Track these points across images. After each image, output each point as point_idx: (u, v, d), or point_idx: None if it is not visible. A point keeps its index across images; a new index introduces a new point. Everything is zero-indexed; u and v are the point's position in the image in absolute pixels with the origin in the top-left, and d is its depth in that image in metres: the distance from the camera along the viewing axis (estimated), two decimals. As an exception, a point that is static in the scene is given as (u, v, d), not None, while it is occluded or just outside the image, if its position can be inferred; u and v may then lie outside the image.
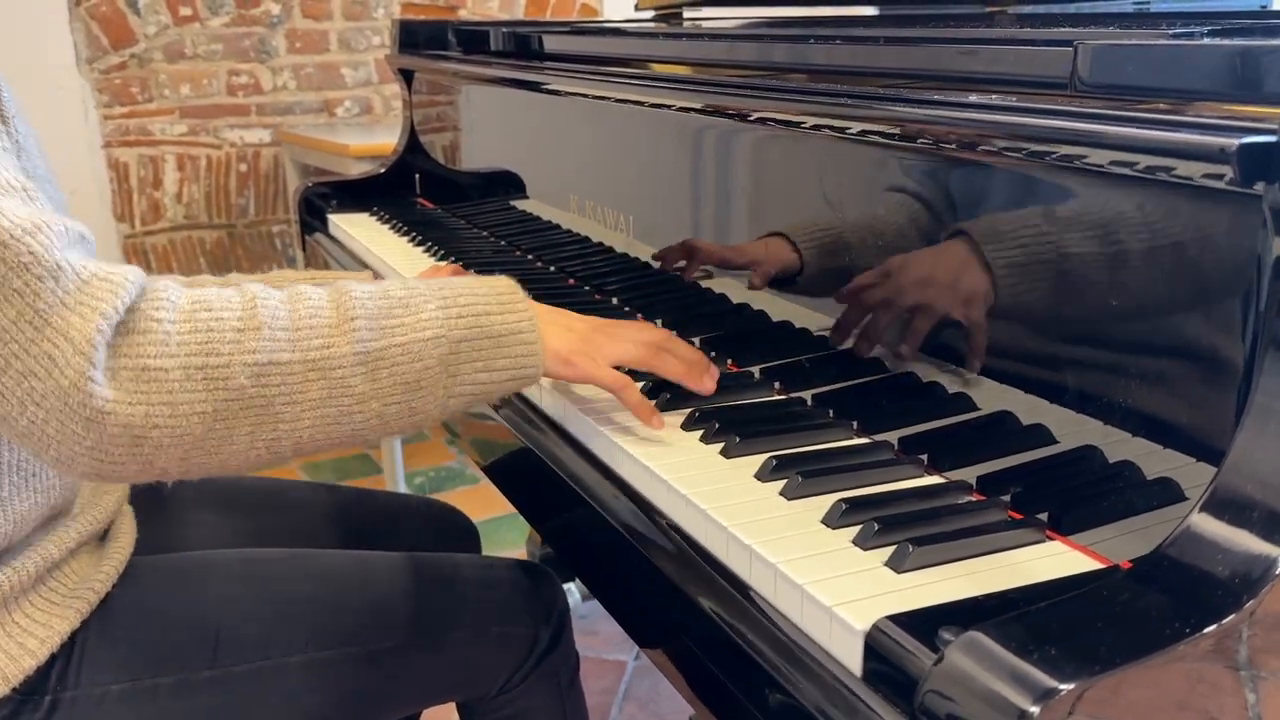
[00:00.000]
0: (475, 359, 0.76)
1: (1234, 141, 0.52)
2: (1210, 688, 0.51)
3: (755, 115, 0.94)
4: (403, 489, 2.48)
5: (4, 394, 0.64)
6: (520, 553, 2.20)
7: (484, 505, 2.30)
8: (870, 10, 1.49)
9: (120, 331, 0.65)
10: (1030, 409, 0.74)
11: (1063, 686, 0.46)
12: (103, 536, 0.92)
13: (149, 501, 1.02)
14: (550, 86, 1.34)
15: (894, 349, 0.84)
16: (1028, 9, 1.12)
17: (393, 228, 1.67)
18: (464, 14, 3.11)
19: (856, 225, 0.87)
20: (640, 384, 0.89)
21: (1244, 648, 0.50)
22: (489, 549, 1.31)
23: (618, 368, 0.85)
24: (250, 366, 0.68)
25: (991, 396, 0.77)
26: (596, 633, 2.00)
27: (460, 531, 1.26)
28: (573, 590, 2.02)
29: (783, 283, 0.97)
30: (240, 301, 0.70)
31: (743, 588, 0.66)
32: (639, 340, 0.86)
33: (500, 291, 0.79)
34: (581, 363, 0.82)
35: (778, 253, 0.97)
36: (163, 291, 0.68)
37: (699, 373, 0.87)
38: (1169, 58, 0.64)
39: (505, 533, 2.31)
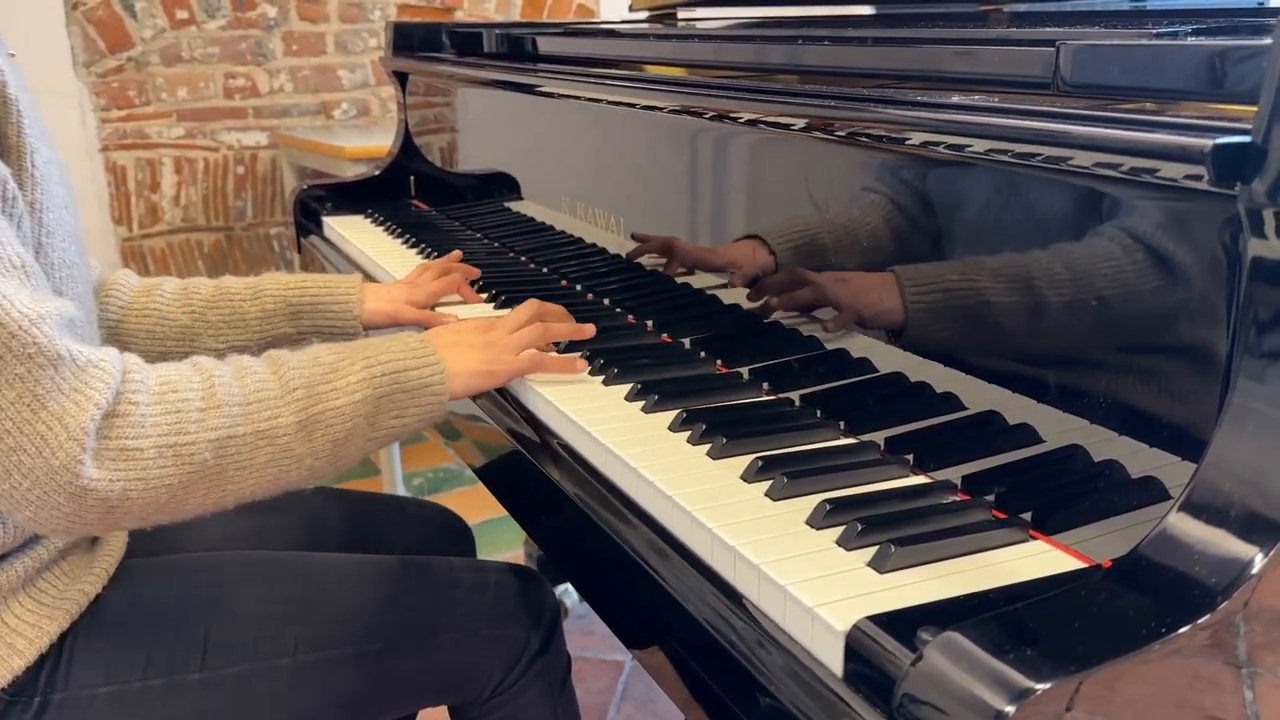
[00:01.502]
0: (391, 410, 0.86)
1: (1208, 142, 0.52)
2: (1208, 685, 0.51)
3: (744, 117, 0.94)
4: (401, 490, 2.48)
5: None
6: (517, 554, 2.20)
7: (481, 507, 2.30)
8: (866, 9, 1.49)
9: (105, 414, 0.72)
10: (1017, 408, 0.74)
11: (1038, 686, 0.46)
12: (94, 540, 0.92)
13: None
14: (542, 89, 1.34)
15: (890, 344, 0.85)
16: (1022, 7, 1.12)
17: (387, 230, 1.68)
18: (460, 15, 3.12)
19: (845, 225, 0.87)
20: (634, 386, 0.90)
21: (1242, 644, 0.50)
22: (485, 550, 1.32)
23: None
24: (212, 443, 0.76)
25: (979, 396, 0.77)
26: (593, 632, 2.00)
27: (454, 534, 1.26)
28: (570, 590, 2.03)
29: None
30: (200, 380, 0.79)
31: (727, 589, 0.67)
32: (525, 324, 1.00)
33: (413, 346, 0.89)
34: (499, 366, 0.94)
35: (757, 256, 0.98)
36: (135, 373, 0.76)
37: (577, 327, 1.04)
38: (1150, 57, 0.64)
39: (502, 534, 2.31)
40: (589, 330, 1.03)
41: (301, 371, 0.82)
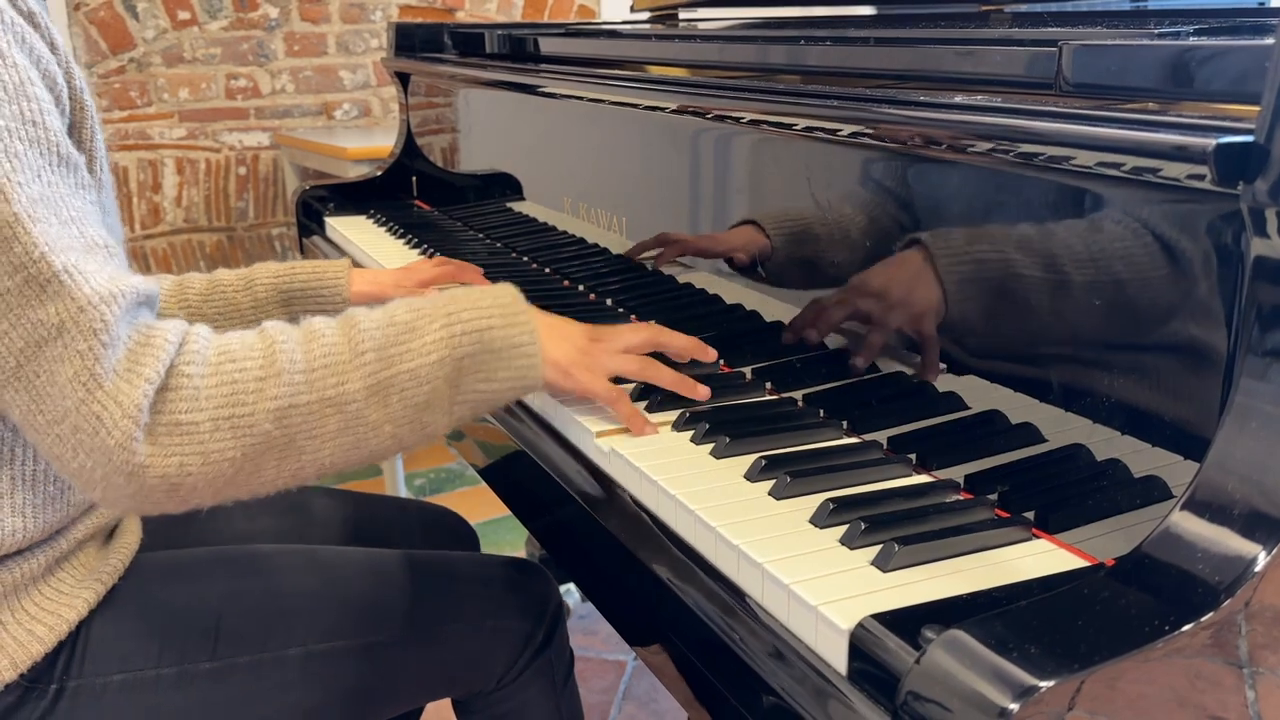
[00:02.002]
0: (478, 371, 0.80)
1: (1211, 141, 0.52)
2: (1210, 684, 0.51)
3: (745, 117, 0.95)
4: (403, 491, 2.48)
5: (61, 439, 0.70)
6: (519, 554, 2.20)
7: (484, 507, 2.31)
8: (867, 10, 1.49)
9: (158, 390, 0.71)
10: (1019, 408, 0.74)
11: (1042, 684, 0.46)
12: (110, 534, 0.93)
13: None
14: (544, 89, 1.35)
15: (885, 349, 0.85)
16: (1024, 7, 1.12)
17: (389, 230, 1.68)
18: (462, 16, 3.12)
19: (846, 224, 0.87)
20: (631, 385, 0.91)
21: (1244, 644, 0.50)
22: (488, 550, 1.32)
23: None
24: (272, 413, 0.73)
25: (981, 395, 0.77)
26: (596, 632, 2.01)
27: (459, 536, 1.26)
28: (572, 590, 2.03)
29: (772, 278, 0.97)
30: (261, 348, 0.75)
31: (731, 588, 0.67)
32: (633, 350, 0.89)
33: (504, 303, 0.82)
34: (579, 375, 0.85)
35: (755, 239, 0.98)
36: (194, 343, 0.73)
37: (691, 384, 0.89)
38: (1152, 57, 0.65)
39: (505, 534, 2.31)
40: (702, 394, 0.89)
41: (373, 333, 0.77)
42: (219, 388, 0.72)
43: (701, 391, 0.89)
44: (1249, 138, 0.52)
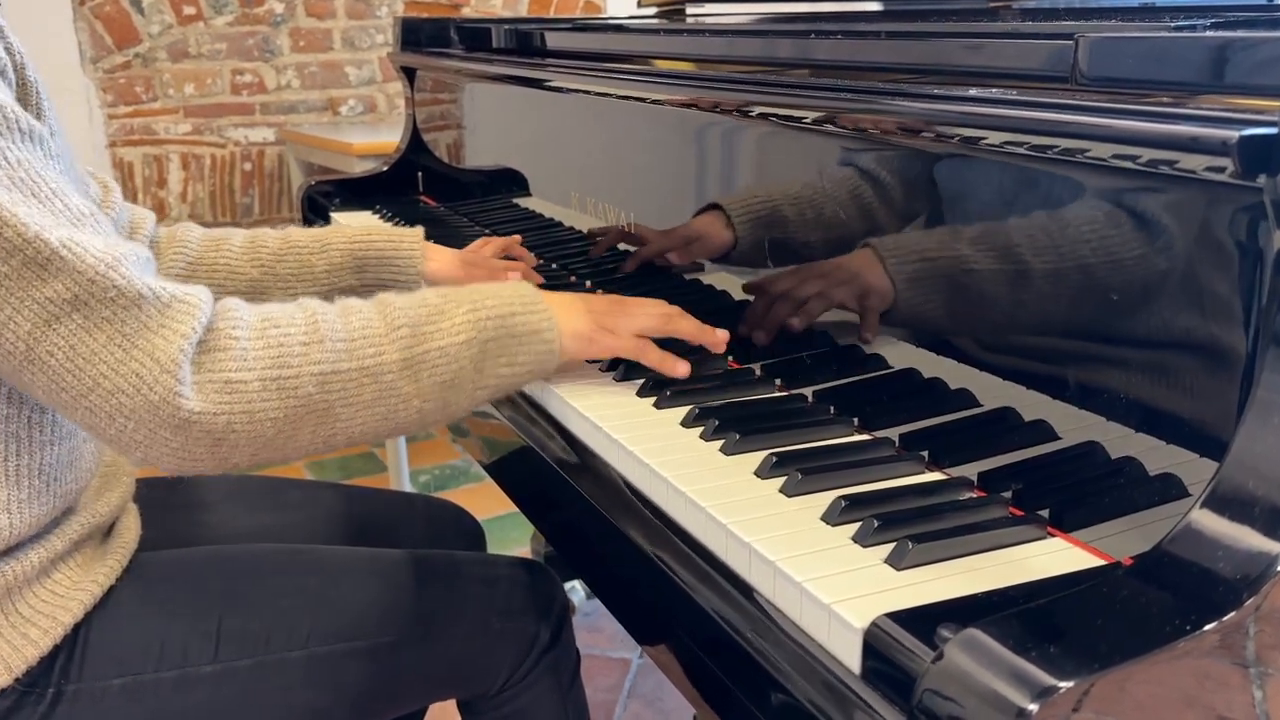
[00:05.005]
0: (500, 355, 0.84)
1: (1234, 134, 0.52)
2: (1217, 685, 0.50)
3: (755, 111, 0.94)
4: (407, 487, 2.48)
5: (93, 409, 0.71)
6: (525, 550, 2.20)
7: (489, 503, 2.30)
8: (874, 6, 1.48)
9: (201, 349, 0.73)
10: (1032, 405, 0.73)
11: (1061, 684, 0.45)
12: (108, 533, 0.92)
13: (154, 501, 1.02)
14: (551, 83, 1.34)
15: (902, 341, 0.84)
16: (1031, 4, 1.11)
17: (395, 226, 1.67)
18: (467, 11, 3.11)
19: (855, 219, 0.87)
20: (642, 379, 0.91)
21: (1251, 644, 0.50)
22: (494, 547, 1.31)
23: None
24: (316, 376, 0.77)
25: (994, 392, 0.76)
26: (601, 630, 2.00)
27: (465, 532, 1.26)
28: (577, 588, 2.02)
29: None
30: (302, 317, 0.79)
31: (742, 585, 0.66)
32: (652, 312, 0.94)
33: (523, 293, 0.87)
34: (602, 339, 0.91)
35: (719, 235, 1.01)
36: (234, 310, 0.76)
37: (710, 333, 0.94)
38: (1170, 50, 0.64)
39: (510, 530, 2.31)
40: (722, 338, 0.94)
41: (407, 311, 0.82)
42: (266, 350, 0.75)
43: (721, 337, 0.93)
44: (1273, 129, 0.51)
